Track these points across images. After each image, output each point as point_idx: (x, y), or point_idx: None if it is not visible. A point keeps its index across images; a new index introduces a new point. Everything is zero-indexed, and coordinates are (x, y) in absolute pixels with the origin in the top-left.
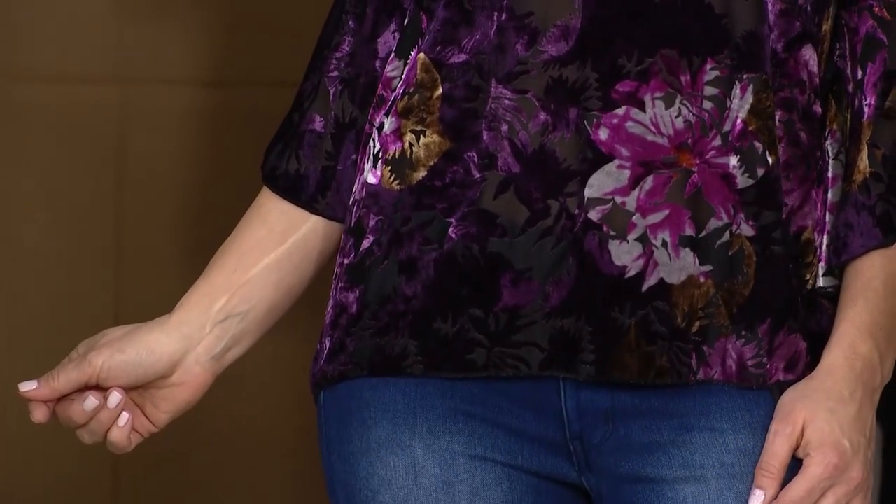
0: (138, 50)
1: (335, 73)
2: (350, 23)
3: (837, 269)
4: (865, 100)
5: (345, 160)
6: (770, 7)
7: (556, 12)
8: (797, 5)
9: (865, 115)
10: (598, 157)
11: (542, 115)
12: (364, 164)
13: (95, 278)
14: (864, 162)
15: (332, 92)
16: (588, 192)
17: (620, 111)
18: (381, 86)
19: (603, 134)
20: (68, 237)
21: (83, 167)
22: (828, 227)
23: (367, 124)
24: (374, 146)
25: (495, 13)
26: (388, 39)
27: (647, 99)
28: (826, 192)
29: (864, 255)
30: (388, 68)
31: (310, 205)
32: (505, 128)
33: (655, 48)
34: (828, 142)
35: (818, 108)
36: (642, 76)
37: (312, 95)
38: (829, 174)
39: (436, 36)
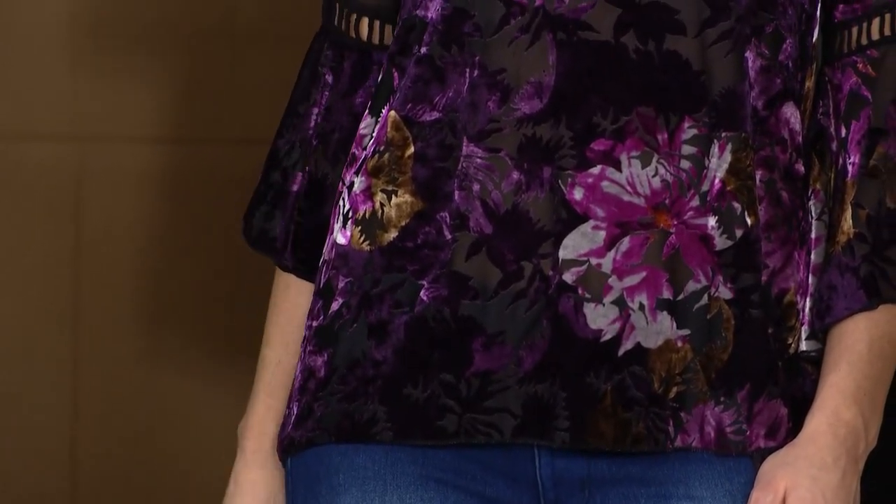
0: (96, 106)
1: (312, 129)
2: (327, 77)
3: (821, 333)
4: (849, 158)
5: (316, 218)
6: (750, 64)
7: (530, 69)
8: (778, 62)
9: (849, 175)
10: (572, 218)
11: (516, 175)
12: (334, 223)
13: (53, 342)
14: (847, 222)
15: (309, 148)
16: (562, 254)
17: (596, 170)
18: (354, 143)
19: (578, 194)
20: (24, 299)
21: (40, 227)
22: (811, 289)
23: (340, 183)
24: (344, 206)
25: (467, 70)
26: (366, 95)
27: (624, 158)
28: (809, 254)
29: (849, 319)
30: (361, 125)
31: (282, 264)
32: (477, 187)
33: (631, 106)
34: (811, 202)
35: (800, 168)
36: (618, 134)
37: (293, 153)
38: (813, 235)
39: (407, 93)
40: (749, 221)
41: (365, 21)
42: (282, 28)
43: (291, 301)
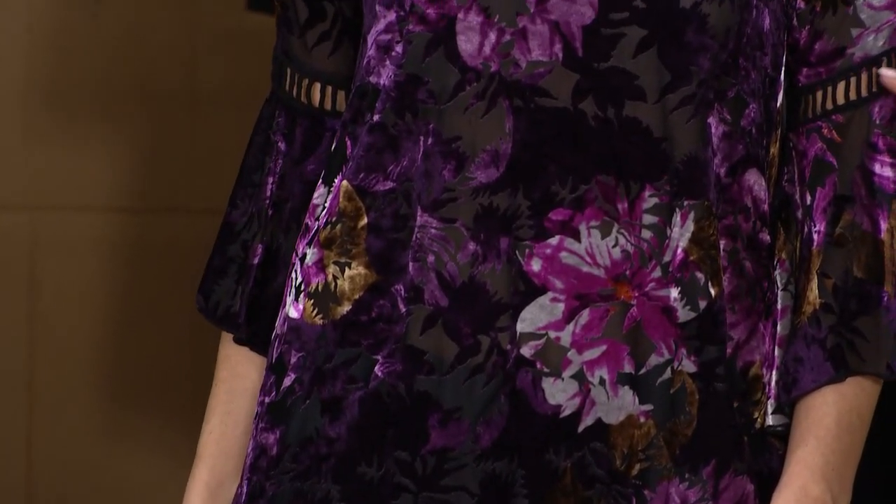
0: (50, 175)
1: (268, 199)
2: (280, 144)
3: (787, 407)
4: (815, 227)
5: (270, 290)
6: (713, 130)
7: (485, 136)
8: (741, 128)
9: (815, 243)
10: (530, 290)
11: (472, 246)
12: (286, 296)
13: (5, 416)
14: (813, 292)
15: (266, 219)
16: (520, 327)
17: (554, 241)
18: (307, 213)
19: (536, 265)
20: None
21: None
22: (777, 362)
23: (293, 254)
24: (297, 278)
25: (421, 138)
26: (318, 163)
27: (583, 228)
28: (775, 325)
29: (816, 392)
30: (314, 195)
31: (239, 338)
32: (432, 259)
33: (591, 174)
34: (776, 272)
35: (765, 237)
36: (577, 204)
37: (252, 225)
38: (779, 306)
39: (360, 162)
40: (713, 292)
41: (317, 87)
42: (245, 91)
43: (230, 371)
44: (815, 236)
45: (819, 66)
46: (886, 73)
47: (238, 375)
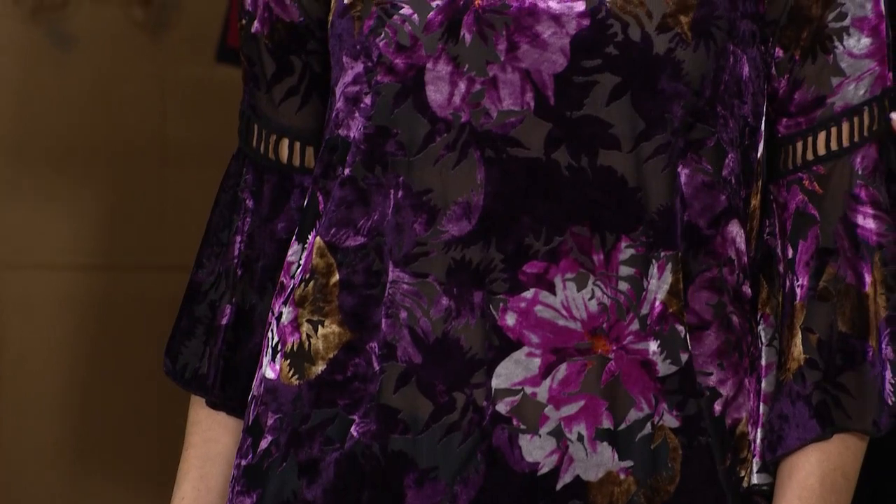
0: (14, 233)
1: (236, 258)
2: (248, 202)
3: (772, 465)
4: (797, 281)
5: (245, 352)
6: (684, 179)
7: (457, 189)
8: (721, 178)
9: (798, 298)
10: (505, 345)
11: (445, 301)
12: (263, 357)
13: None
14: (798, 348)
15: (235, 278)
16: (496, 383)
17: (529, 294)
18: (282, 272)
19: (510, 319)
20: None
21: None
22: (762, 419)
23: (269, 313)
24: (273, 338)
25: (392, 191)
26: (288, 220)
27: (558, 281)
28: (759, 382)
29: (800, 451)
30: (288, 252)
31: (211, 401)
32: (404, 315)
33: (565, 225)
34: (760, 326)
35: (747, 290)
36: (551, 256)
37: (220, 285)
38: (763, 362)
39: (331, 218)
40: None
41: (285, 143)
42: (216, 145)
43: (202, 436)
44: (798, 290)
45: (799, 116)
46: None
47: (210, 440)
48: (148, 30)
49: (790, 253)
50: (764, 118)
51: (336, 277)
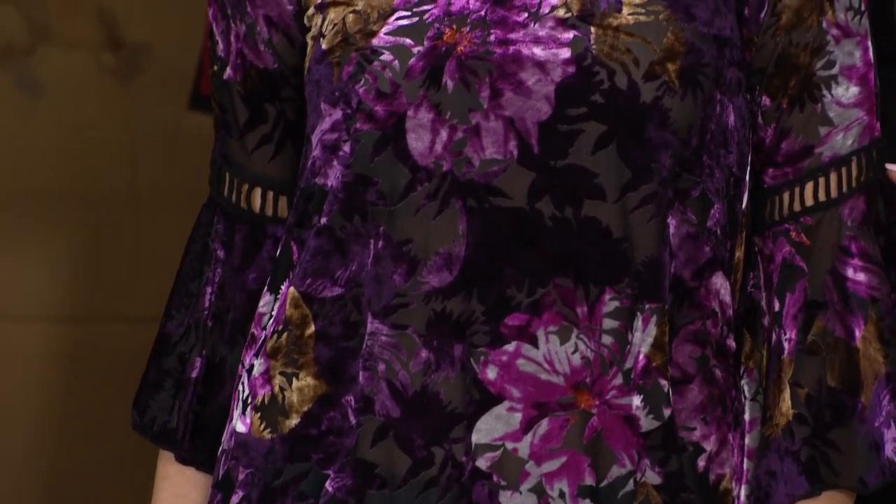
0: None
1: (207, 310)
2: (218, 252)
3: None
4: (785, 334)
5: (215, 406)
6: (672, 230)
7: (438, 239)
8: (706, 228)
9: (786, 352)
10: (486, 399)
11: (424, 353)
12: (233, 410)
13: None
14: (786, 403)
15: (205, 331)
16: (476, 438)
17: (510, 347)
18: (253, 323)
19: (491, 373)
20: None
21: None
22: (746, 475)
23: (239, 366)
24: (244, 391)
25: (371, 241)
26: (259, 271)
27: (540, 333)
28: (743, 437)
29: None
30: (260, 303)
31: (180, 456)
32: (383, 367)
33: (548, 277)
34: (744, 381)
35: (731, 343)
36: (534, 308)
37: (189, 337)
38: (747, 417)
39: (306, 268)
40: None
41: (258, 192)
42: (188, 193)
43: (170, 491)
44: (786, 344)
45: (786, 166)
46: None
47: (179, 496)
48: (119, 76)
49: (777, 306)
50: (749, 168)
51: (311, 329)
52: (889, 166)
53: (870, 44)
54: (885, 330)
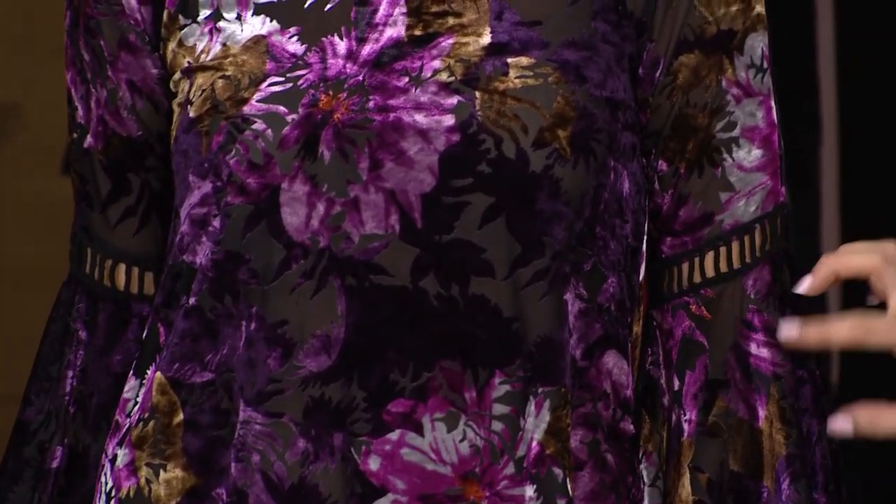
0: None
1: (68, 395)
2: (80, 333)
3: None
4: (685, 415)
5: (78, 497)
6: (570, 307)
7: (315, 320)
8: (597, 304)
9: (685, 433)
10: (368, 492)
11: (302, 443)
12: (96, 503)
13: None
14: (686, 489)
15: (67, 417)
16: None
17: (394, 436)
18: (117, 409)
19: (374, 464)
20: None
21: None
22: None
23: (102, 455)
24: (107, 482)
25: (243, 322)
26: (125, 353)
27: (426, 420)
28: None
29: None
30: (125, 388)
31: None
32: (257, 458)
33: (434, 360)
34: (642, 465)
35: (627, 426)
36: (419, 394)
37: (49, 424)
38: None
39: (174, 351)
40: (572, 489)
41: (122, 268)
42: (56, 267)
43: None
44: (686, 426)
45: (684, 235)
46: (786, 332)
47: None
48: None
49: (676, 384)
50: (645, 237)
51: (180, 417)
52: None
53: (773, 104)
54: (787, 409)
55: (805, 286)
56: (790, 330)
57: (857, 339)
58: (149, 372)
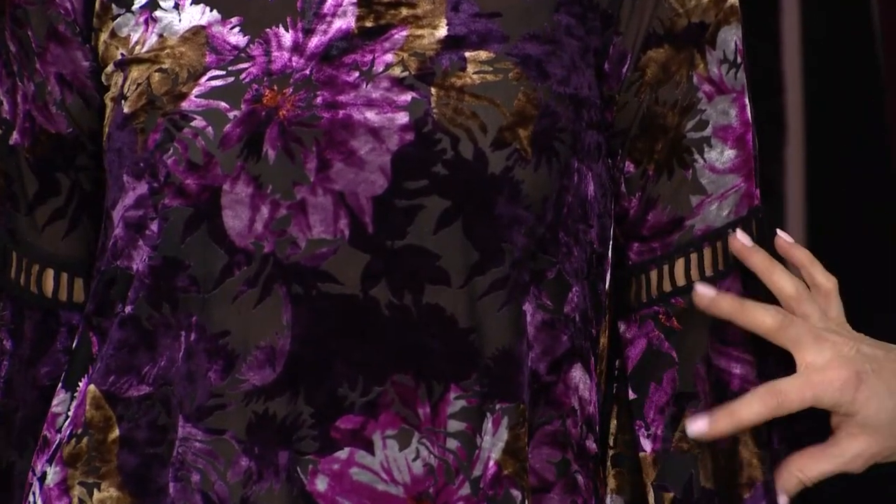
0: None
1: None
2: (5, 343)
3: None
4: (647, 430)
5: None
6: (528, 318)
7: (259, 331)
8: (563, 315)
9: (650, 450)
10: None
11: (244, 461)
12: None
13: None
14: None
15: None
16: None
17: (343, 454)
18: (45, 424)
19: (321, 484)
20: None
21: None
22: None
23: (30, 473)
24: (35, 502)
25: (182, 333)
26: (53, 364)
27: (377, 438)
28: None
29: None
30: (53, 402)
31: None
32: (197, 478)
33: (385, 374)
34: (608, 486)
35: (591, 445)
36: (369, 409)
37: None
38: None
39: (109, 363)
40: None
41: (50, 274)
42: None
43: None
44: (648, 442)
45: (653, 241)
46: (738, 240)
47: None
48: None
49: (632, 395)
50: (611, 243)
51: (115, 433)
52: (781, 234)
53: (748, 101)
54: (761, 429)
55: (699, 428)
56: (698, 425)
57: (769, 411)
58: (80, 384)
